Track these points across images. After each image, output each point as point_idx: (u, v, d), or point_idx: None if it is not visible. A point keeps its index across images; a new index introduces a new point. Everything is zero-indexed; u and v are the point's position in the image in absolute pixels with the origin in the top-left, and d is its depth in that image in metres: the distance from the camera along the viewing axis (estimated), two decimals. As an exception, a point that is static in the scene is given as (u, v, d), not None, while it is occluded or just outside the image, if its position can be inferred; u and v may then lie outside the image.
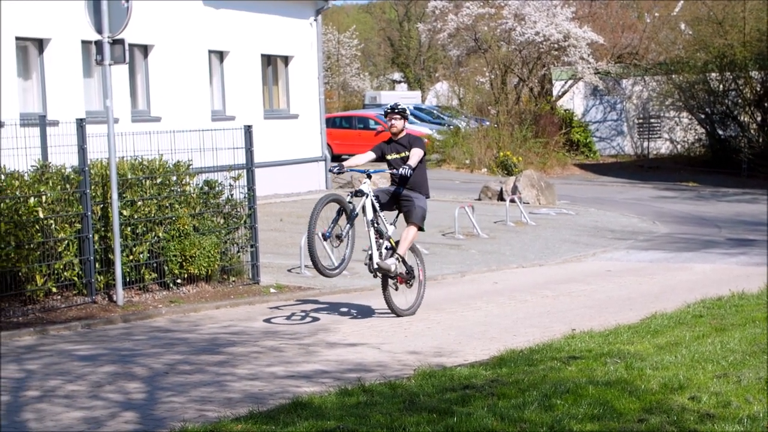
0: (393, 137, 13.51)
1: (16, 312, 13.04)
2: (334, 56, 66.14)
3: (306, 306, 14.60)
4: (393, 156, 13.43)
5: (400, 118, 13.43)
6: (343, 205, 12.89)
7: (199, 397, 9.04)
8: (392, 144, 13.49)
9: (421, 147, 13.34)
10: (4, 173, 13.23)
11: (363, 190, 13.13)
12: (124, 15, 13.71)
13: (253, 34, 27.37)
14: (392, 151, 13.46)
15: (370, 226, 13.12)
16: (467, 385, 8.82)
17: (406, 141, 13.44)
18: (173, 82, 24.21)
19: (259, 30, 27.69)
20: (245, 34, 27.05)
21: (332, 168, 13.27)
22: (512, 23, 41.88)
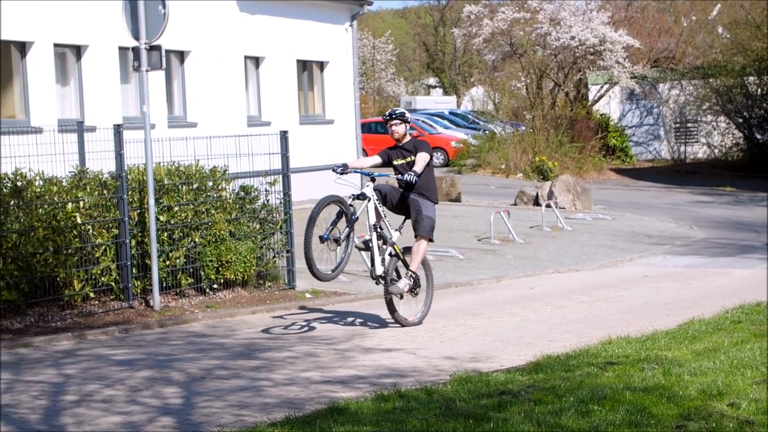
0: (397, 143, 13.17)
1: (54, 317, 13.12)
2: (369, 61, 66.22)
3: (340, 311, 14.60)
4: (399, 161, 13.10)
5: (400, 123, 13.07)
6: (343, 207, 12.57)
7: (235, 402, 9.05)
8: (397, 149, 13.15)
9: (426, 151, 13.03)
10: (43, 179, 13.33)
11: (365, 194, 12.79)
12: (161, 21, 13.79)
13: (288, 40, 27.43)
14: (398, 156, 13.12)
15: (372, 231, 12.80)
16: (504, 391, 8.79)
17: (411, 146, 13.10)
18: (209, 87, 24.30)
19: (295, 36, 27.74)
20: (281, 39, 27.11)
21: (335, 167, 12.91)
22: (548, 28, 41.78)
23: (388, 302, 12.94)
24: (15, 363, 10.94)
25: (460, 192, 29.71)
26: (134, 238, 14.09)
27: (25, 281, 12.89)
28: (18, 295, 12.77)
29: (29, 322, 12.81)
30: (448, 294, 16.49)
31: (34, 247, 12.89)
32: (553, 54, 42.82)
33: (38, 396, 9.35)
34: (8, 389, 9.65)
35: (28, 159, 13.26)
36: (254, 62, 26.72)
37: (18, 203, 13.01)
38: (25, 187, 13.07)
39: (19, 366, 10.76)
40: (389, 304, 12.95)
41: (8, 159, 13.12)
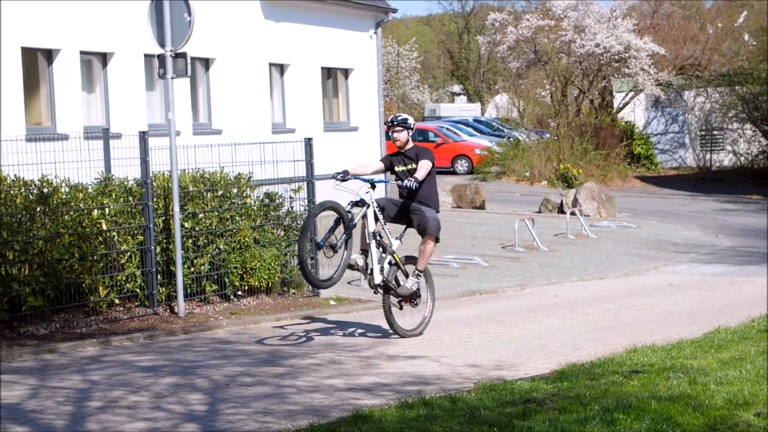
0: (400, 150, 12.88)
1: (79, 323, 13.17)
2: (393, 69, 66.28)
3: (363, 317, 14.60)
4: (400, 168, 12.80)
5: (403, 129, 12.77)
6: (340, 213, 12.25)
7: (260, 409, 9.06)
8: (399, 156, 12.86)
9: (428, 159, 12.69)
10: (69, 185, 13.39)
11: (365, 200, 12.43)
12: (186, 29, 13.84)
13: (313, 47, 27.47)
14: (399, 163, 12.84)
15: (371, 238, 12.46)
16: (528, 399, 8.77)
17: (413, 153, 12.80)
18: (234, 95, 24.35)
19: (320, 43, 27.79)
20: (305, 47, 27.16)
21: (336, 174, 12.52)
22: (572, 35, 41.72)
23: (386, 311, 12.68)
24: (40, 369, 10.98)
25: (484, 199, 29.69)
26: (159, 245, 14.14)
27: (51, 287, 12.95)
28: (44, 301, 12.83)
29: (55, 328, 12.87)
30: (472, 301, 16.49)
31: (59, 253, 12.95)
32: (578, 61, 42.74)
33: (64, 402, 9.38)
34: (34, 395, 9.70)
35: (53, 166, 13.33)
36: (279, 69, 26.77)
37: (44, 210, 13.08)
38: (52, 193, 13.14)
39: (45, 372, 10.81)
40: (387, 313, 12.69)
41: (35, 166, 13.18)
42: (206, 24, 21.07)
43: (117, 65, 21.30)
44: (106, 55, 21.20)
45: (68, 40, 20.09)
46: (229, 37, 24.21)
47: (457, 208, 29.27)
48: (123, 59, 21.33)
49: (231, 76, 24.38)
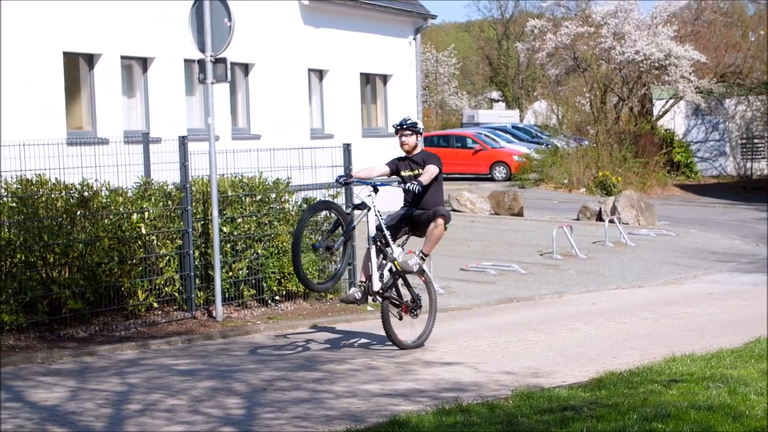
0: (407, 154, 12.47)
1: (118, 326, 13.25)
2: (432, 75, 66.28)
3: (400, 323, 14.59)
4: (406, 173, 12.40)
5: (411, 133, 12.37)
6: (339, 213, 11.97)
7: (297, 414, 9.07)
8: (407, 161, 12.46)
9: (435, 164, 12.23)
10: (109, 189, 13.48)
11: (366, 203, 12.01)
12: (226, 34, 13.90)
13: (352, 53, 27.53)
14: (406, 167, 12.43)
15: (371, 243, 12.06)
16: (566, 407, 8.72)
17: (420, 158, 12.38)
18: (273, 100, 24.44)
19: (359, 49, 27.84)
20: (344, 52, 27.22)
21: (338, 177, 12.37)
22: (612, 42, 41.54)
23: (384, 320, 12.22)
24: (79, 371, 11.06)
25: (522, 206, 29.60)
26: (198, 249, 14.20)
27: (91, 290, 13.04)
28: (83, 304, 12.92)
29: (94, 331, 12.95)
30: (509, 308, 16.44)
31: (99, 256, 13.04)
32: (618, 68, 42.55)
33: (103, 404, 9.44)
34: (73, 397, 9.76)
35: (94, 170, 13.42)
36: (318, 75, 26.85)
37: (84, 213, 13.17)
38: (92, 197, 13.23)
39: (84, 374, 10.88)
40: (385, 322, 12.22)
41: (75, 170, 13.28)
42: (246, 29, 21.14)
43: (157, 70, 21.44)
44: (146, 59, 21.35)
45: (109, 45, 20.24)
46: (269, 43, 24.31)
47: (495, 215, 29.21)
48: (163, 64, 21.47)
49: (270, 81, 24.47)
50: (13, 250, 12.46)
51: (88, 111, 20.24)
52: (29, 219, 12.63)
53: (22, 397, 9.79)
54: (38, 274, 12.68)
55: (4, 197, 12.66)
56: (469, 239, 23.99)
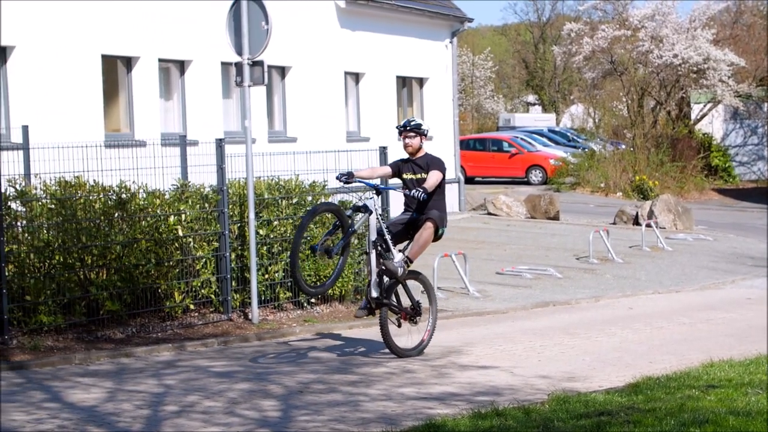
0: (411, 156, 12.09)
1: (155, 328, 13.31)
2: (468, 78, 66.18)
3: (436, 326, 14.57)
4: (409, 176, 12.01)
5: (416, 135, 11.96)
6: (340, 216, 11.58)
7: (332, 417, 9.08)
8: (410, 163, 12.06)
9: (440, 170, 11.87)
10: (146, 191, 13.55)
11: (367, 206, 11.64)
12: (263, 37, 13.94)
13: (388, 56, 27.55)
14: (408, 170, 12.04)
15: (371, 248, 11.71)
16: (602, 412, 8.68)
17: (424, 162, 11.99)
18: (309, 103, 24.50)
19: (395, 52, 27.86)
20: (381, 56, 27.25)
21: (339, 176, 11.86)
22: (649, 45, 41.32)
23: (382, 327, 11.78)
24: (117, 372, 11.12)
25: (558, 210, 29.49)
26: (234, 252, 14.25)
27: (128, 292, 13.11)
28: (121, 305, 12.99)
29: (131, 333, 13.02)
30: (546, 312, 16.38)
31: (136, 258, 13.11)
32: (655, 72, 42.32)
33: (140, 405, 9.49)
34: (111, 398, 9.82)
35: (130, 172, 13.50)
36: (354, 78, 26.89)
37: (122, 215, 13.25)
38: (130, 199, 13.31)
39: (121, 375, 10.94)
40: (383, 328, 11.79)
41: (113, 172, 13.36)
42: (283, 32, 21.23)
43: (194, 73, 21.54)
44: (183, 62, 21.46)
45: (147, 48, 20.37)
46: (306, 46, 24.37)
47: (531, 219, 29.13)
48: (200, 67, 21.58)
49: (307, 84, 24.53)
50: (51, 252, 12.56)
51: (126, 113, 20.36)
52: (68, 221, 12.72)
53: (61, 397, 9.86)
54: (76, 275, 12.77)
55: (43, 199, 12.76)
56: (505, 243, 23.94)
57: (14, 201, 12.52)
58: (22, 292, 12.28)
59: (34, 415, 9.10)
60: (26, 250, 12.45)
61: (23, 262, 12.37)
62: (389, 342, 11.87)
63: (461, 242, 22.70)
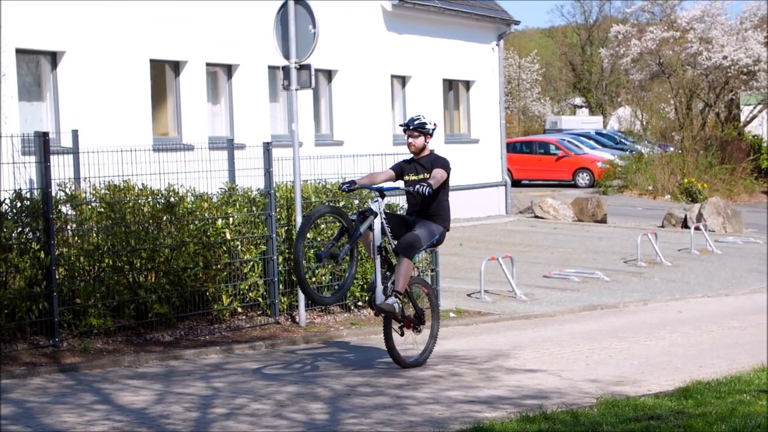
0: (414, 156, 11.61)
1: (203, 330, 13.38)
2: (514, 81, 66.04)
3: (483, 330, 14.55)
4: (412, 176, 11.49)
5: (419, 134, 11.48)
6: (344, 220, 11.12)
7: (380, 420, 9.08)
8: (413, 164, 11.57)
9: (444, 168, 11.38)
10: (194, 195, 13.63)
11: (372, 209, 11.19)
12: (310, 41, 13.98)
13: (435, 59, 27.55)
14: (411, 171, 11.53)
15: (376, 253, 11.21)
16: (651, 416, 8.62)
17: (428, 162, 11.48)
18: (356, 106, 24.55)
19: (441, 55, 27.85)
20: (427, 59, 27.24)
21: (342, 185, 11.43)
22: (698, 47, 40.99)
23: (386, 336, 11.35)
24: (165, 375, 11.19)
25: (605, 213, 29.34)
26: (281, 255, 14.29)
27: (176, 295, 13.19)
28: (169, 308, 13.07)
29: (179, 335, 13.10)
30: (593, 316, 16.30)
31: (185, 261, 13.19)
32: (704, 74, 41.98)
33: (189, 408, 9.54)
34: (160, 400, 9.88)
35: (179, 176, 13.58)
36: (401, 81, 26.90)
37: (170, 219, 13.33)
38: (178, 203, 13.39)
39: (170, 378, 11.00)
40: (387, 337, 11.35)
41: (161, 175, 13.45)
42: (329, 36, 21.28)
43: (242, 77, 21.65)
44: (231, 66, 21.57)
45: (195, 52, 20.50)
46: (352, 49, 24.42)
47: (578, 222, 28.99)
48: (247, 71, 21.68)
49: (353, 87, 24.58)
50: (101, 255, 12.66)
51: (174, 117, 20.50)
52: (117, 224, 12.82)
53: (111, 399, 9.94)
54: (125, 278, 12.87)
55: (93, 203, 12.87)
56: (552, 246, 23.84)
57: (64, 205, 12.63)
58: (72, 295, 12.39)
59: (85, 417, 9.18)
60: (76, 254, 12.56)
61: (73, 266, 12.49)
62: (393, 351, 11.42)
63: (508, 245, 22.65)
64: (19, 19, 17.06)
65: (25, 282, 11.90)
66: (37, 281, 12.00)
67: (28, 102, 18.03)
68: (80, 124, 17.43)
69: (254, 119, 21.65)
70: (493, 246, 22.51)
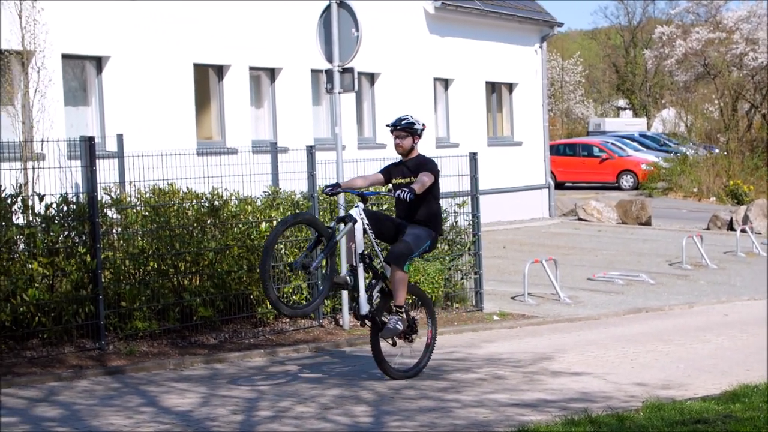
0: (403, 158, 11.05)
1: (247, 333, 13.43)
2: (557, 83, 65.78)
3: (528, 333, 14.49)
4: (398, 180, 10.92)
5: (407, 135, 10.91)
6: (317, 227, 10.59)
7: (423, 423, 9.06)
8: (400, 166, 11.01)
9: (431, 172, 10.73)
10: (238, 198, 13.68)
11: (351, 215, 10.61)
12: (353, 44, 13.98)
13: (477, 62, 27.50)
14: (398, 174, 10.95)
15: (359, 261, 10.64)
16: (699, 420, 8.54)
17: (414, 164, 10.87)
18: (398, 109, 24.45)
19: (484, 57, 27.79)
20: (470, 61, 27.20)
21: (325, 188, 10.99)
22: (744, 48, 40.66)
23: (374, 347, 10.80)
24: (210, 377, 11.23)
25: (650, 215, 29.16)
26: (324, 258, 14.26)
27: (221, 298, 13.25)
28: (213, 311, 13.13)
29: (224, 338, 13.15)
30: (638, 319, 16.20)
31: (229, 265, 13.24)
32: (750, 75, 41.62)
33: (234, 411, 9.56)
34: (205, 403, 9.92)
35: (222, 179, 13.63)
36: (443, 84, 26.88)
37: (214, 222, 13.39)
38: (222, 206, 13.45)
39: (214, 380, 11.04)
40: (375, 349, 10.80)
41: (205, 179, 13.52)
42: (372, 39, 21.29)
43: (285, 80, 21.73)
44: (274, 70, 21.65)
45: (238, 57, 20.59)
46: (395, 52, 24.43)
47: (622, 224, 28.82)
48: (291, 74, 21.75)
49: (396, 90, 24.59)
50: (146, 258, 12.74)
51: (218, 121, 20.61)
52: (161, 228, 12.90)
53: (156, 402, 9.99)
54: (170, 281, 12.95)
55: (138, 206, 12.95)
56: (596, 249, 23.72)
57: (110, 208, 12.73)
58: (117, 298, 12.48)
59: (131, 420, 9.24)
60: (121, 257, 12.65)
61: (119, 269, 12.57)
62: (382, 363, 10.84)
63: (552, 248, 22.56)
64: (65, 24, 17.21)
65: (72, 285, 12.00)
66: (84, 285, 12.10)
67: (73, 107, 18.19)
68: (125, 129, 17.57)
69: (297, 123, 21.71)
70: (536, 249, 22.42)
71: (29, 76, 16.06)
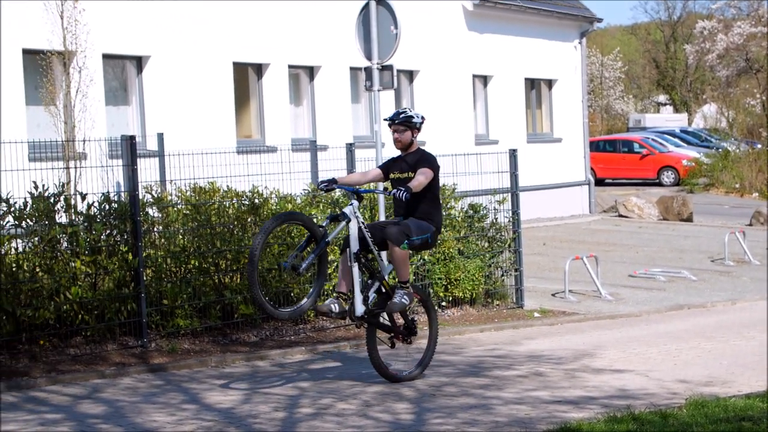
0: (402, 153, 10.72)
1: (288, 331, 13.46)
2: (597, 79, 65.42)
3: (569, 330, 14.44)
4: (396, 175, 10.60)
5: (406, 129, 10.61)
6: (308, 227, 10.23)
7: (465, 420, 9.05)
8: (399, 161, 10.68)
9: (429, 167, 10.43)
10: (278, 196, 13.71)
11: (345, 213, 10.27)
12: (392, 42, 13.98)
13: (516, 58, 27.41)
14: (397, 169, 10.64)
15: (353, 261, 10.28)
16: (743, 417, 8.47)
17: (413, 159, 10.56)
18: (437, 106, 24.51)
19: (523, 54, 27.70)
20: (509, 58, 27.12)
21: (320, 183, 10.55)
22: (786, 42, 40.31)
23: (370, 348, 10.50)
24: (251, 375, 11.28)
25: (691, 212, 28.97)
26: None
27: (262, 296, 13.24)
28: (254, 309, 13.16)
29: (265, 336, 13.19)
30: (680, 315, 16.10)
31: (269, 262, 13.26)
32: (792, 69, 41.29)
33: (276, 408, 9.59)
34: (247, 400, 9.96)
35: (262, 177, 13.67)
36: (482, 81, 26.82)
37: (255, 220, 13.43)
38: (262, 204, 13.48)
39: (256, 378, 11.08)
40: (371, 351, 10.50)
41: (245, 177, 13.56)
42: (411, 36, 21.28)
43: (324, 78, 21.75)
44: (313, 68, 21.69)
45: (277, 55, 20.65)
46: (433, 49, 24.40)
47: (664, 221, 28.64)
48: (329, 72, 21.77)
49: (434, 87, 24.56)
50: (187, 257, 12.80)
51: (257, 120, 20.67)
52: (202, 226, 12.95)
53: (199, 399, 10.04)
54: (211, 279, 13.00)
55: (179, 205, 13.02)
56: (637, 245, 23.59)
57: (151, 207, 12.80)
58: (159, 296, 12.54)
59: (174, 417, 9.29)
60: (163, 255, 12.71)
61: (160, 267, 12.64)
62: (379, 365, 10.54)
63: (592, 245, 22.47)
64: (106, 25, 17.32)
65: (114, 283, 12.07)
66: (126, 283, 12.17)
67: (114, 106, 18.31)
68: (165, 128, 17.67)
69: (336, 120, 21.73)
70: (576, 245, 22.34)
71: (71, 76, 16.20)
